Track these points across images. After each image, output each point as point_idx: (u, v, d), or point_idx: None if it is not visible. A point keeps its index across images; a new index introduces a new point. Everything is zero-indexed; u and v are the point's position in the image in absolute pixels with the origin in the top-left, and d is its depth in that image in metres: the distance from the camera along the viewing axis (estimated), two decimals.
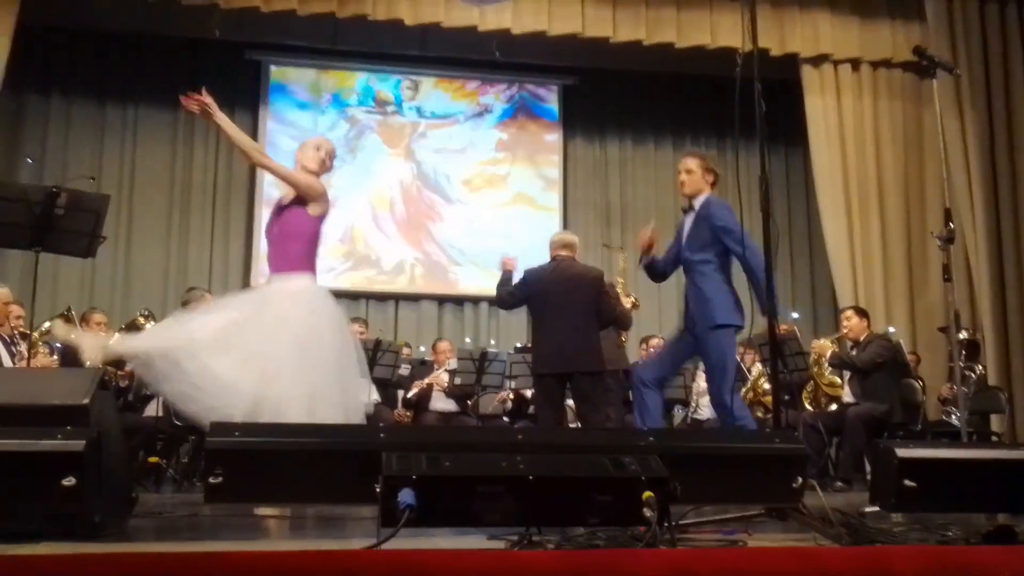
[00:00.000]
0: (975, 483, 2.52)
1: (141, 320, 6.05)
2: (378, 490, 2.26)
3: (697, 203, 4.37)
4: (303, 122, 9.26)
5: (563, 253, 5.59)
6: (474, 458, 2.37)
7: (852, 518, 2.76)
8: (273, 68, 9.30)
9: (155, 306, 7.87)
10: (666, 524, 2.32)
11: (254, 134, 9.16)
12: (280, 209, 4.00)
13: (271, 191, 9.04)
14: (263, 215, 8.97)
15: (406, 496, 2.24)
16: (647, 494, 2.29)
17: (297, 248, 3.85)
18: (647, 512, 2.26)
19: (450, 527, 2.42)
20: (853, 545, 2.43)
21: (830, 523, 2.54)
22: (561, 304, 5.35)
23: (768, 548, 2.28)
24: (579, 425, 5.57)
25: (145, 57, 8.94)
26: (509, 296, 5.64)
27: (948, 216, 4.09)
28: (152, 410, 6.28)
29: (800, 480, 2.48)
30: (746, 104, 3.23)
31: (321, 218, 3.90)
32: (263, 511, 3.63)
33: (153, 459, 5.90)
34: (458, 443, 2.51)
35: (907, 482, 2.41)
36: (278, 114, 9.24)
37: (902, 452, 2.43)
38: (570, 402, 5.73)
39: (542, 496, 2.30)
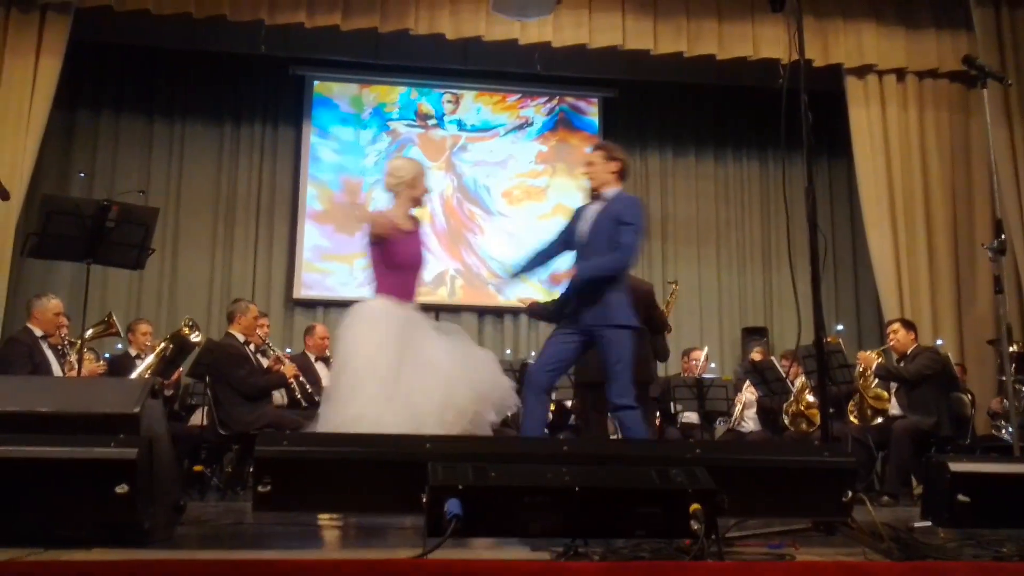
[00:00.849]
0: None
1: (186, 331, 6.15)
2: (424, 500, 2.28)
3: (609, 195, 4.26)
4: (345, 136, 9.37)
5: None
6: (519, 469, 2.37)
7: (902, 533, 2.71)
8: (316, 83, 9.41)
9: (199, 317, 8.00)
10: (713, 537, 2.30)
11: (297, 148, 9.31)
12: None
13: (314, 204, 9.17)
14: (306, 228, 9.10)
15: (452, 506, 2.25)
16: (694, 506, 2.27)
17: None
18: (694, 524, 2.25)
19: (495, 537, 2.42)
20: (904, 560, 2.38)
21: (880, 538, 2.50)
22: None
23: (817, 562, 2.25)
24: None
25: (192, 73, 9.11)
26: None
27: (999, 227, 4.02)
28: (197, 419, 6.39)
29: (850, 494, 2.44)
30: (790, 116, 3.21)
31: None
32: (310, 520, 3.66)
33: (198, 468, 5.98)
34: (503, 454, 2.52)
35: (960, 497, 2.37)
36: (321, 128, 9.35)
37: (955, 466, 2.39)
38: None
39: (587, 507, 2.30)
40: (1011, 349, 6.25)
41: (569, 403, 6.98)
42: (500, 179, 9.52)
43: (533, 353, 8.55)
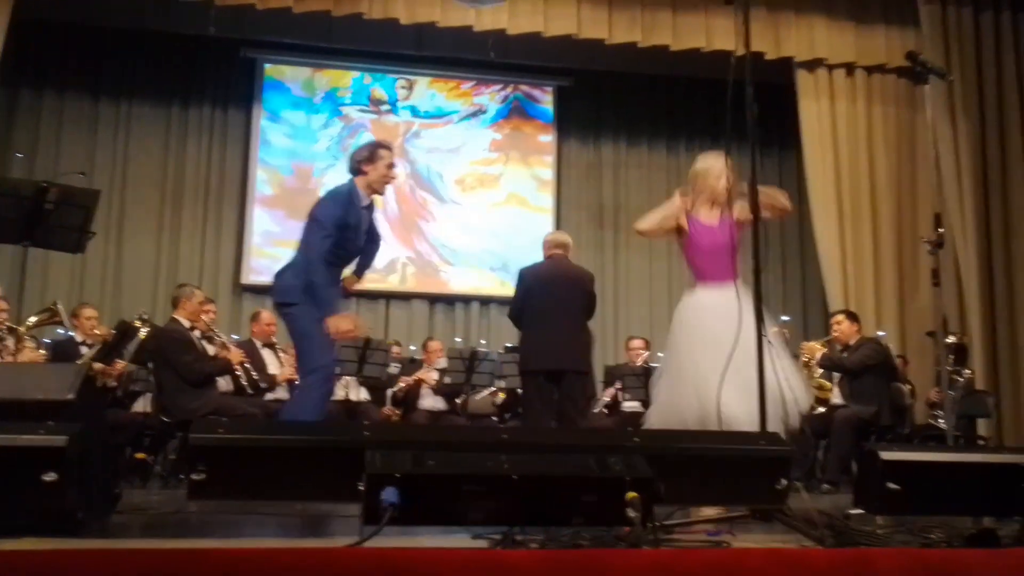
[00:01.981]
0: (959, 486, 2.52)
1: (138, 323, 6.01)
2: (361, 488, 2.26)
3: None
4: (296, 120, 9.26)
5: (557, 252, 5.64)
6: (459, 457, 2.37)
7: (836, 520, 2.76)
8: (268, 65, 9.28)
9: (145, 302, 7.89)
10: (650, 524, 2.32)
11: (247, 131, 9.17)
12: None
13: (264, 189, 9.05)
14: (255, 213, 8.98)
15: (390, 494, 2.24)
16: (631, 494, 2.29)
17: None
18: (631, 512, 2.26)
19: (434, 526, 2.41)
20: (836, 547, 2.43)
21: (814, 525, 2.54)
22: (554, 302, 5.42)
23: (750, 549, 2.28)
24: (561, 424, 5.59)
25: (139, 53, 8.92)
26: (514, 309, 5.68)
27: (938, 221, 4.09)
28: (140, 406, 6.28)
29: (784, 482, 2.48)
30: (740, 107, 3.23)
31: None
32: (252, 508, 3.62)
33: (140, 455, 5.88)
34: (443, 441, 2.51)
35: (891, 485, 2.42)
36: (272, 111, 9.23)
37: (886, 455, 2.44)
38: None
39: (526, 495, 2.30)
40: (949, 340, 6.41)
41: (520, 390, 6.99)
42: (453, 166, 9.49)
43: (484, 341, 8.57)
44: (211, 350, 6.01)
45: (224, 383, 6.11)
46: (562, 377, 5.39)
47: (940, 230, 4.01)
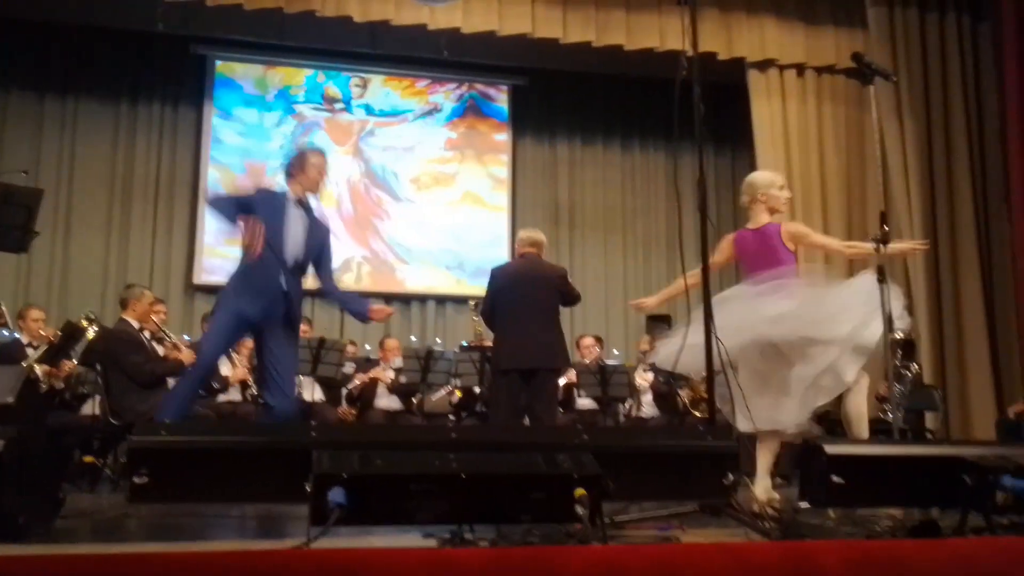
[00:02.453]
0: (902, 479, 2.57)
1: (85, 323, 5.88)
2: (308, 489, 2.24)
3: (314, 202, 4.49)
4: (249, 118, 9.15)
5: (530, 251, 5.65)
6: (407, 456, 2.36)
7: (784, 513, 2.80)
8: (219, 62, 9.15)
9: (93, 303, 7.75)
10: (599, 521, 2.33)
11: (198, 129, 9.04)
12: None
13: (216, 187, 8.92)
14: (207, 212, 8.85)
15: (336, 495, 2.22)
16: (579, 491, 2.29)
17: None
18: (579, 509, 2.27)
19: (382, 525, 2.40)
20: (783, 540, 2.46)
21: (761, 518, 2.57)
22: (527, 301, 5.43)
23: (697, 544, 2.30)
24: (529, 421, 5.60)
25: (86, 49, 8.75)
26: (486, 309, 5.68)
27: (883, 219, 4.16)
28: (89, 409, 6.16)
29: (731, 477, 2.51)
30: (688, 107, 3.26)
31: None
32: (201, 511, 3.57)
33: (88, 459, 5.76)
34: (392, 441, 2.50)
35: (835, 478, 2.45)
36: (223, 109, 9.11)
37: (830, 449, 2.48)
38: None
39: (475, 494, 2.30)
40: (897, 336, 6.52)
41: (477, 389, 6.99)
42: (408, 165, 9.44)
43: (439, 340, 8.55)
44: (161, 351, 5.91)
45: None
46: (534, 376, 5.41)
47: (885, 228, 4.08)
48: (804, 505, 3.01)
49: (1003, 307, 7.75)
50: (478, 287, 7.44)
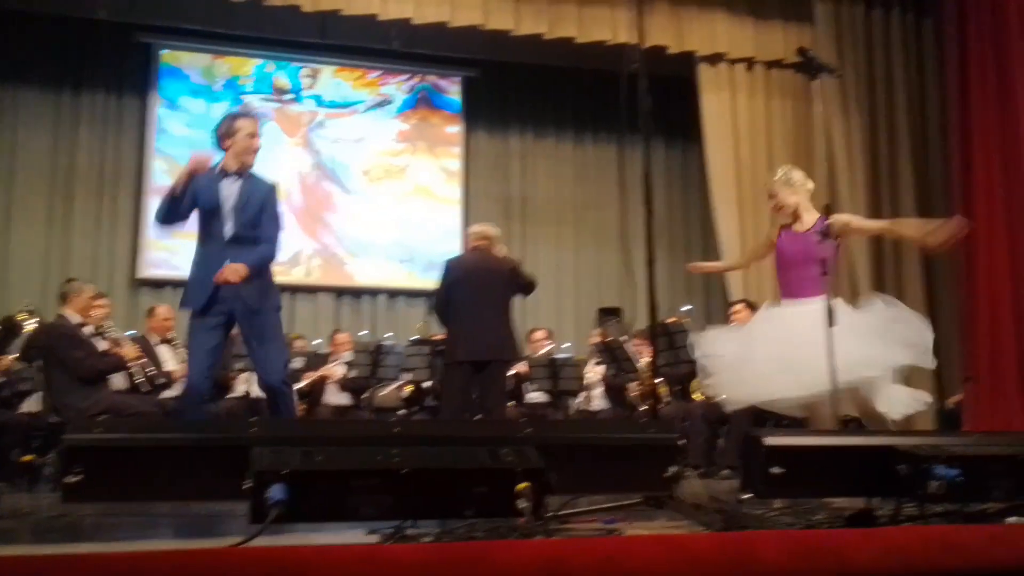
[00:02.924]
0: (839, 469, 2.61)
1: (22, 317, 5.73)
2: (248, 486, 2.21)
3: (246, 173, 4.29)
4: (196, 108, 9.00)
5: (482, 243, 5.68)
6: (349, 452, 2.34)
7: (727, 504, 2.84)
8: (164, 51, 8.99)
9: (34, 297, 7.53)
10: (542, 514, 2.33)
11: (143, 119, 8.86)
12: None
13: (162, 179, 8.77)
14: (152, 204, 8.69)
15: (276, 492, 2.19)
16: (522, 485, 2.29)
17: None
18: (522, 503, 2.27)
19: (324, 522, 2.38)
20: (724, 531, 2.49)
21: (703, 510, 2.60)
22: (479, 293, 5.47)
23: (639, 536, 2.32)
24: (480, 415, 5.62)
25: (26, 36, 8.52)
26: (439, 301, 5.66)
27: (827, 211, 4.24)
28: (29, 406, 6.02)
29: (673, 469, 2.53)
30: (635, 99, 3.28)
31: None
32: (143, 510, 3.51)
33: (28, 457, 5.64)
34: (334, 437, 2.48)
35: (774, 469, 2.48)
36: (169, 99, 8.94)
37: (769, 440, 2.51)
38: None
39: (417, 489, 2.28)
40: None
41: (428, 383, 6.97)
42: (359, 157, 9.37)
43: (390, 334, 8.50)
44: (103, 346, 5.79)
45: (120, 381, 5.91)
46: (486, 368, 5.43)
47: (827, 222, 4.14)
48: (747, 496, 3.06)
49: (943, 299, 7.92)
50: (429, 281, 7.42)
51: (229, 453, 2.32)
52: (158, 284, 8.64)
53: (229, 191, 4.22)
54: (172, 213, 4.19)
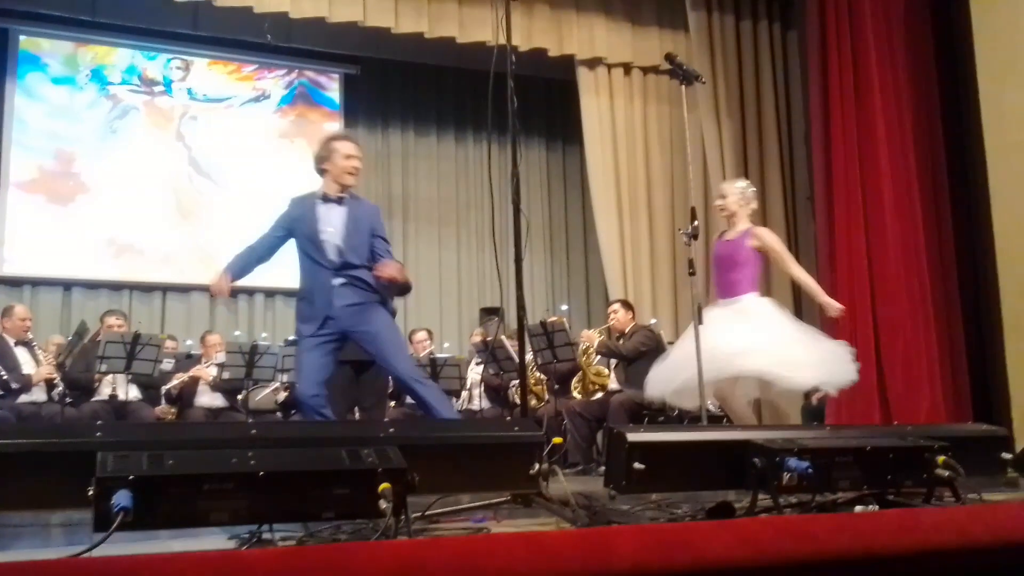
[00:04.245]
0: (698, 463, 2.68)
1: None
2: (91, 493, 2.10)
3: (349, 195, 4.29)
4: (58, 98, 8.57)
5: None
6: (202, 455, 2.25)
7: (594, 501, 2.86)
8: (23, 38, 8.51)
9: None
10: (404, 515, 2.30)
11: (0, 110, 8.37)
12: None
13: (21, 172, 8.31)
14: (10, 199, 8.23)
15: (121, 498, 2.09)
16: (384, 485, 2.26)
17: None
18: (383, 504, 2.23)
19: (172, 528, 2.28)
20: (589, 527, 2.51)
21: (569, 506, 2.62)
22: None
23: (501, 534, 2.32)
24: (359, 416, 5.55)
25: None
26: None
27: (693, 214, 4.36)
28: None
29: (537, 466, 2.54)
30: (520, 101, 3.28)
31: None
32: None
33: None
34: (187, 440, 2.38)
35: (637, 465, 2.52)
36: (28, 88, 8.47)
37: (632, 436, 2.55)
38: None
39: (274, 492, 2.21)
40: None
41: None
42: (233, 152, 9.09)
43: (265, 335, 8.29)
44: None
45: None
46: (366, 369, 5.36)
47: (695, 223, 4.27)
48: (614, 492, 3.10)
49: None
50: None
51: (74, 459, 2.20)
52: (15, 282, 8.17)
53: (333, 217, 4.15)
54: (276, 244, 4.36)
